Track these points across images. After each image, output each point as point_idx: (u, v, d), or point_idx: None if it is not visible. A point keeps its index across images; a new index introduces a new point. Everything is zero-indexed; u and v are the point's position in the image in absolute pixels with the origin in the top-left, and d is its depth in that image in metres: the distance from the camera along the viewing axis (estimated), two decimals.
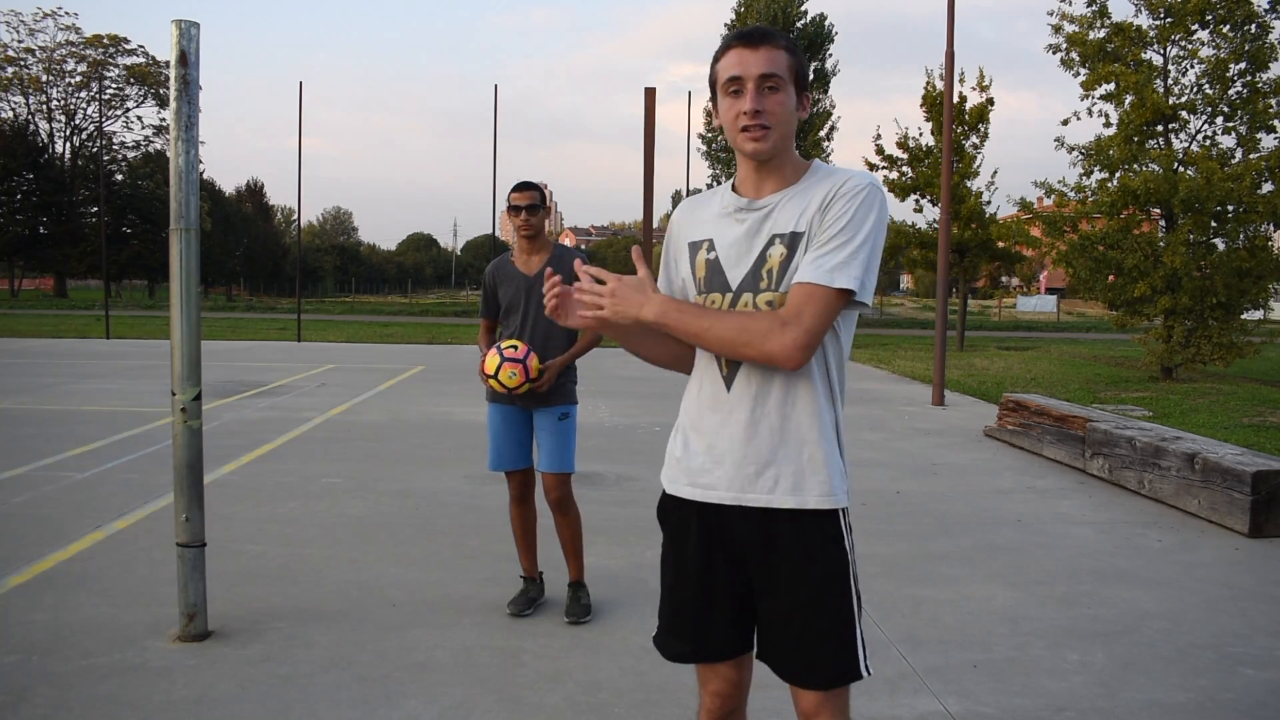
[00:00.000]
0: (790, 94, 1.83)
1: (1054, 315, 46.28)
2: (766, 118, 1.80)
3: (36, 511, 5.50)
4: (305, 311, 28.97)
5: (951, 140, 11.99)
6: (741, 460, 1.85)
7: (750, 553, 1.87)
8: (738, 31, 1.85)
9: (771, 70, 1.80)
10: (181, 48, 3.52)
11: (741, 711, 2.03)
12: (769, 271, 1.82)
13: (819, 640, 1.83)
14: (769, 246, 1.84)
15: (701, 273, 1.91)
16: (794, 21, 39.35)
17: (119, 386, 11.84)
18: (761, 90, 1.80)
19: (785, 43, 1.83)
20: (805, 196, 1.84)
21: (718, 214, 1.93)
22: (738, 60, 1.81)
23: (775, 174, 1.87)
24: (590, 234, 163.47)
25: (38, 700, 3.09)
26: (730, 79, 1.82)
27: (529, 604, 4.00)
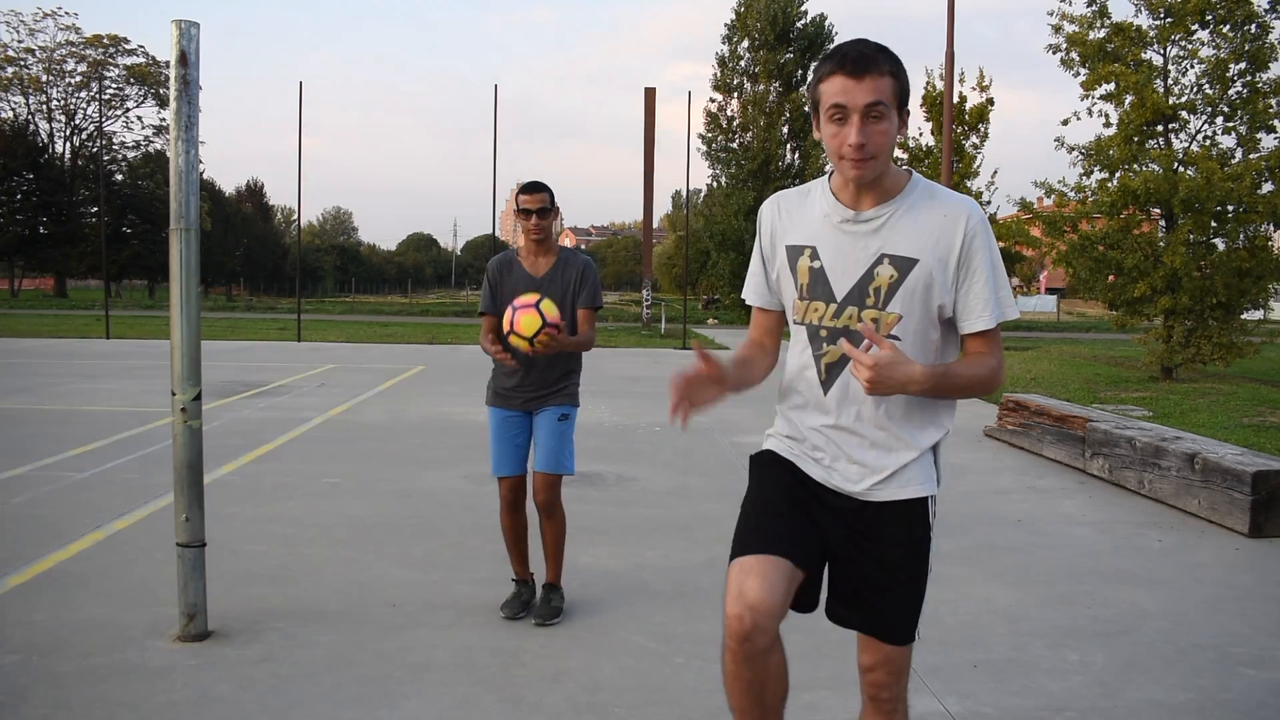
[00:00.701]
0: (893, 120, 1.87)
1: (1054, 315, 46.28)
2: (870, 149, 1.84)
3: (36, 511, 5.50)
4: (305, 311, 28.97)
5: (951, 140, 12.00)
6: (833, 457, 2.01)
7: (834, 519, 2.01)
8: (842, 54, 1.84)
9: (876, 99, 1.82)
10: (181, 48, 3.52)
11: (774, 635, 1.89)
12: (876, 289, 1.93)
13: (890, 602, 2.00)
14: (877, 264, 1.92)
15: (805, 279, 1.98)
16: (794, 21, 39.34)
17: (119, 386, 11.84)
18: (866, 120, 1.83)
19: (890, 67, 1.85)
20: (914, 218, 1.93)
21: (820, 221, 1.98)
22: (841, 89, 1.83)
23: (875, 188, 1.93)
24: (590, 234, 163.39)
25: (38, 700, 3.09)
26: (834, 105, 1.84)
27: (523, 607, 3.97)
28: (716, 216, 39.54)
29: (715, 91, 40.26)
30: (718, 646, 3.69)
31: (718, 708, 3.13)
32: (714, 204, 41.15)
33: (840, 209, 1.95)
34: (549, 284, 3.88)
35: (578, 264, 3.98)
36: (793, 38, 39.43)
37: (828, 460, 2.02)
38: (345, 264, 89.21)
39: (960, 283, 1.93)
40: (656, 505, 6.03)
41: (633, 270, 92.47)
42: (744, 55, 39.88)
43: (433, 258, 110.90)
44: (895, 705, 2.08)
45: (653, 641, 3.71)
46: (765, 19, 38.74)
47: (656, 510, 5.90)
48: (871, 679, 2.07)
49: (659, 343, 23.39)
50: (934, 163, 20.40)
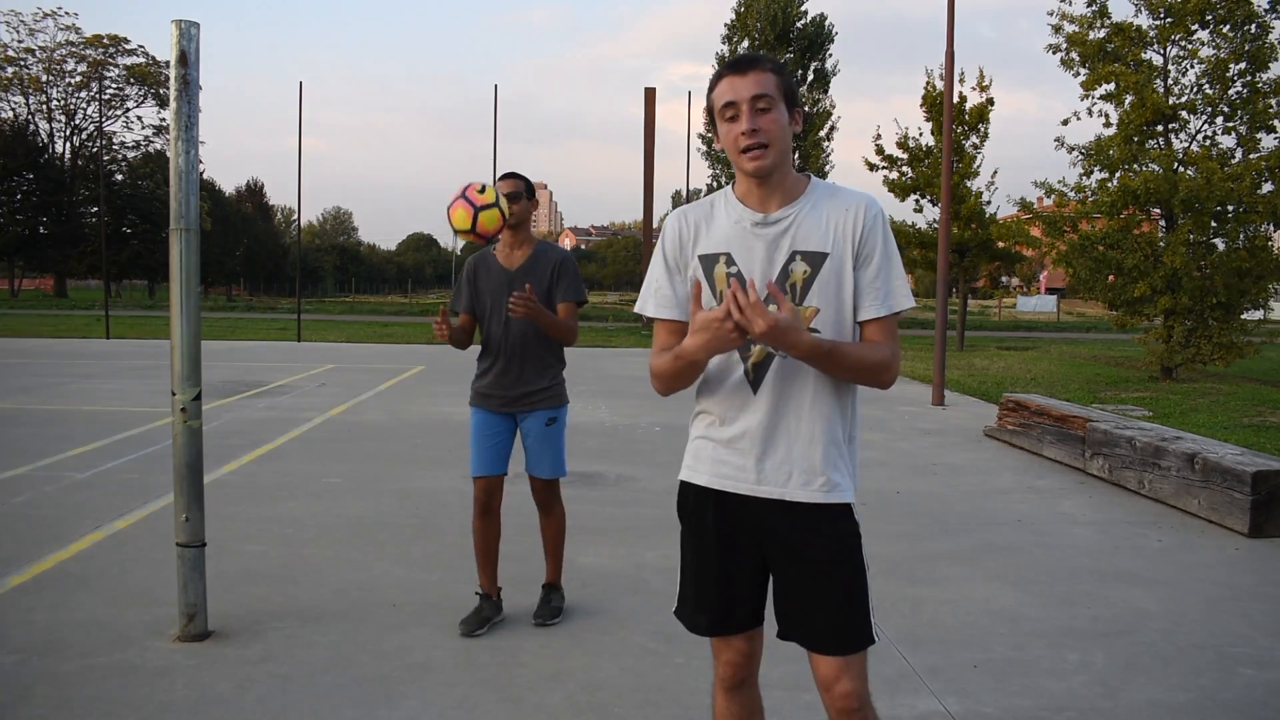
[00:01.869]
0: (782, 111, 1.99)
1: (1054, 315, 46.28)
2: (763, 135, 1.96)
3: (36, 511, 5.50)
4: (305, 311, 28.98)
5: (951, 140, 11.99)
6: (761, 455, 2.03)
7: (765, 534, 2.05)
8: (728, 61, 2.01)
9: (762, 91, 1.96)
10: (181, 48, 3.52)
11: (753, 680, 2.20)
12: (792, 286, 2.00)
13: (834, 607, 2.01)
14: (790, 262, 2.01)
15: (723, 285, 2.04)
16: (794, 21, 39.34)
17: (119, 386, 11.84)
18: (755, 111, 1.96)
19: (772, 65, 2.00)
20: (819, 214, 2.02)
21: (731, 227, 2.06)
22: (730, 87, 1.98)
23: (778, 189, 2.04)
24: (590, 234, 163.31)
25: (38, 700, 3.09)
26: (726, 104, 1.98)
27: (482, 624, 3.77)
28: None
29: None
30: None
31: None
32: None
33: (749, 213, 2.03)
34: (524, 276, 3.79)
35: (555, 256, 3.88)
36: (793, 38, 39.44)
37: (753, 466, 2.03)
38: (345, 264, 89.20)
39: (856, 270, 2.00)
40: (656, 505, 6.03)
41: (633, 270, 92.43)
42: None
43: (433, 258, 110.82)
44: (865, 713, 2.03)
45: (653, 641, 3.71)
46: (765, 19, 38.75)
47: (656, 510, 5.89)
48: (838, 690, 1.99)
49: None
50: (934, 163, 20.39)
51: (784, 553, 2.04)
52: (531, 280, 3.75)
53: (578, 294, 3.86)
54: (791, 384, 2.01)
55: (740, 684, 2.15)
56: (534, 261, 3.83)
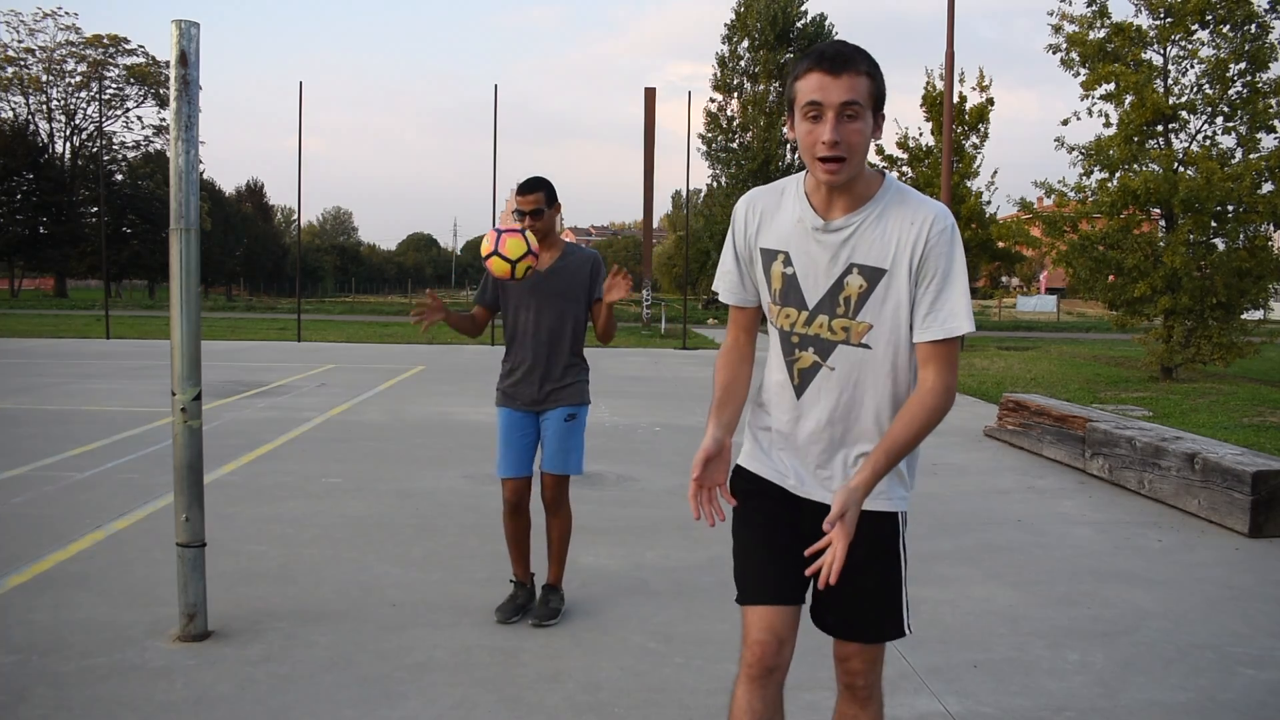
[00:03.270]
0: (868, 120, 1.84)
1: (1054, 315, 46.27)
2: (844, 148, 1.82)
3: (36, 511, 5.50)
4: (305, 311, 28.98)
5: (951, 140, 12.00)
6: (804, 460, 2.02)
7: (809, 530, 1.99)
8: (820, 52, 1.84)
9: (852, 98, 1.80)
10: (181, 48, 3.52)
11: (779, 677, 2.04)
12: (846, 299, 1.93)
13: (864, 602, 2.01)
14: (847, 274, 1.92)
15: (778, 285, 2.00)
16: (794, 21, 39.36)
17: (119, 386, 11.84)
18: (841, 119, 1.81)
19: (867, 67, 1.83)
20: (883, 226, 1.90)
21: (793, 226, 1.98)
22: (818, 85, 1.81)
23: (847, 193, 1.92)
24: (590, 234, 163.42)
25: (38, 700, 3.09)
26: (809, 103, 1.82)
27: (517, 611, 3.91)
28: (716, 216, 39.57)
29: (715, 91, 40.30)
30: (718, 646, 3.70)
31: (718, 707, 3.13)
32: (714, 204, 41.18)
33: (812, 216, 1.94)
34: (553, 278, 3.83)
35: (585, 257, 3.92)
36: (793, 38, 39.46)
37: (800, 469, 2.03)
38: (345, 264, 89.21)
39: (916, 289, 1.90)
40: (656, 505, 6.03)
41: (633, 270, 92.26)
42: (744, 55, 39.91)
43: (433, 258, 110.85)
44: (870, 693, 2.09)
45: (653, 641, 3.71)
46: (765, 19, 38.77)
47: (656, 510, 5.90)
48: (847, 668, 2.09)
49: (659, 343, 23.39)
50: (934, 163, 20.40)
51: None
52: (561, 279, 3.83)
53: None
54: (834, 398, 1.97)
55: (766, 673, 2.01)
56: (563, 262, 3.86)
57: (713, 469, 1.95)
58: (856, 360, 1.95)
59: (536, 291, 3.82)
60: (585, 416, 3.94)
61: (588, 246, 4.04)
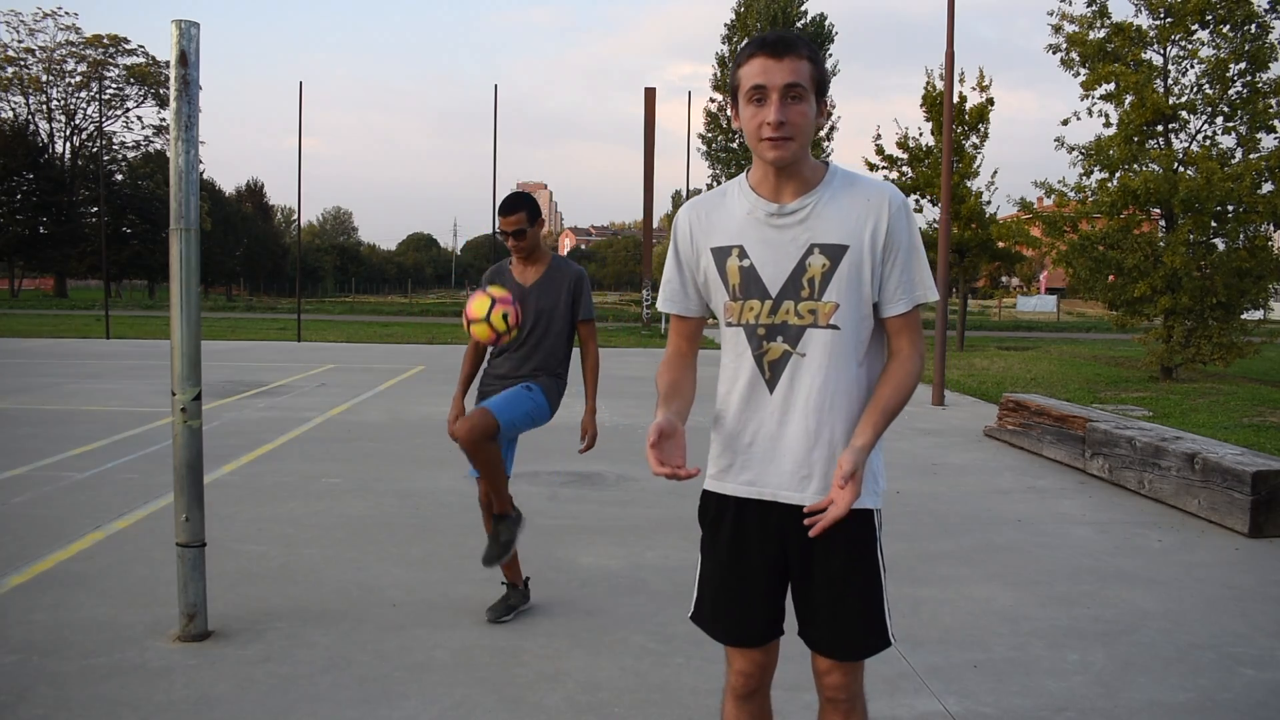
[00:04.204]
0: (811, 103, 1.86)
1: (1054, 315, 46.28)
2: (789, 128, 1.84)
3: (36, 511, 5.50)
4: (305, 311, 28.97)
5: (951, 140, 11.99)
6: (779, 459, 1.97)
7: (784, 539, 1.99)
8: (761, 38, 1.87)
9: (795, 80, 1.83)
10: (181, 48, 3.52)
11: (765, 691, 2.14)
12: (810, 280, 1.91)
13: (844, 614, 1.98)
14: (808, 255, 1.91)
15: (735, 279, 1.96)
16: (794, 21, 39.36)
17: (119, 386, 11.84)
18: (785, 100, 1.83)
19: (808, 52, 1.86)
20: (838, 205, 1.92)
21: (744, 218, 1.96)
22: (761, 69, 1.84)
23: (795, 178, 1.92)
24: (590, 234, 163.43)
25: (38, 700, 3.09)
26: (754, 87, 1.84)
27: (508, 610, 3.90)
28: None
29: (715, 91, 40.29)
30: (718, 646, 3.68)
31: (718, 708, 3.13)
32: None
33: (763, 203, 1.93)
34: (538, 292, 3.84)
35: (570, 273, 3.89)
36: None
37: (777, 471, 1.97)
38: (345, 264, 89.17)
39: (883, 265, 1.92)
40: (656, 505, 6.04)
41: (633, 270, 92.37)
42: None
43: (433, 258, 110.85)
44: (853, 704, 2.05)
45: (653, 641, 3.71)
46: (765, 19, 38.79)
47: (656, 510, 5.90)
48: (827, 683, 2.04)
49: (659, 343, 23.39)
50: (934, 163, 20.39)
51: (801, 557, 1.99)
52: (546, 295, 3.83)
53: (591, 312, 3.94)
54: (809, 384, 1.93)
55: (752, 694, 2.10)
56: (548, 277, 3.87)
57: (669, 447, 1.86)
58: (826, 342, 1.92)
59: (525, 304, 3.81)
60: (540, 405, 3.81)
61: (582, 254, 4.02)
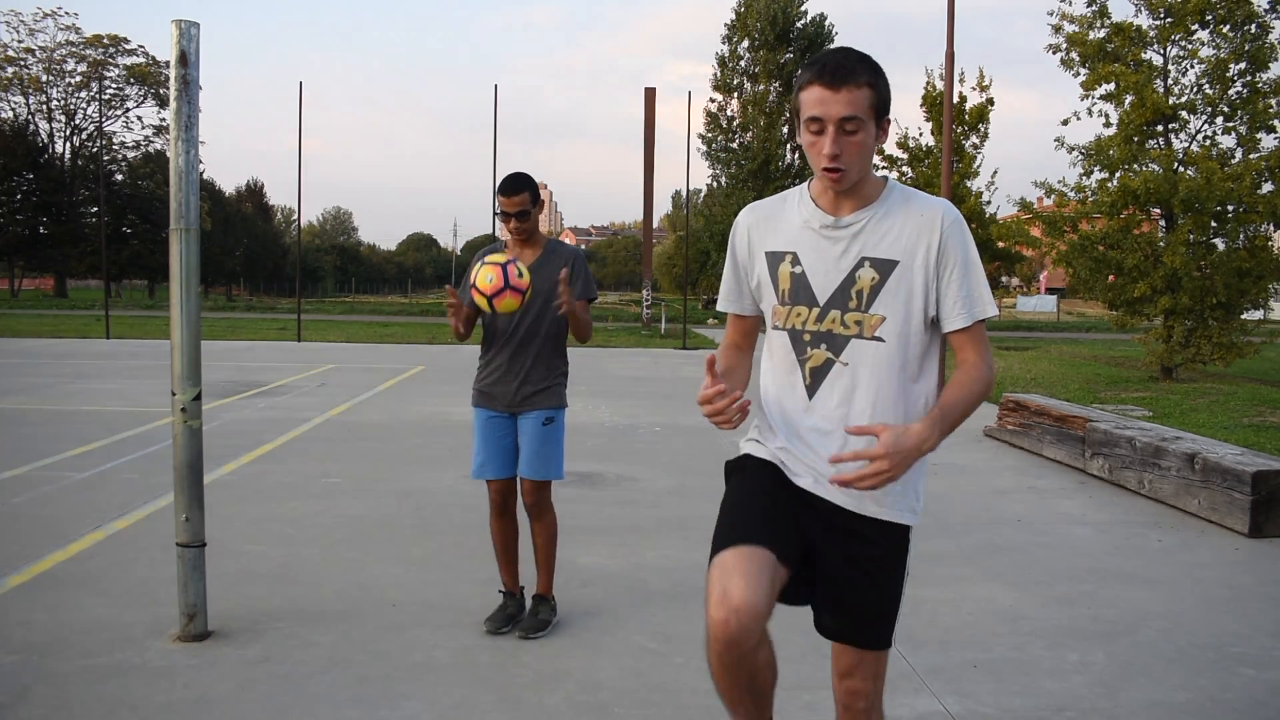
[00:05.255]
0: (870, 131, 1.88)
1: (1054, 315, 46.28)
2: (844, 159, 1.86)
3: (36, 511, 5.50)
4: (305, 311, 28.97)
5: (951, 140, 11.99)
6: (815, 462, 1.99)
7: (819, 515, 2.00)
8: (821, 63, 1.86)
9: (852, 113, 1.83)
10: (181, 48, 3.52)
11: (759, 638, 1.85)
12: (859, 293, 1.95)
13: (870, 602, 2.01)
14: (858, 268, 1.94)
15: (786, 285, 2.00)
16: (794, 21, 39.36)
17: (119, 386, 11.84)
18: (840, 133, 1.84)
19: (868, 77, 1.85)
20: (892, 221, 1.95)
21: (800, 227, 2.00)
22: (819, 100, 1.84)
23: (855, 193, 1.96)
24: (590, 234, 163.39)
25: (38, 700, 3.09)
26: (811, 118, 1.86)
27: (507, 621, 3.80)
28: (716, 216, 39.58)
29: (715, 91, 40.30)
30: None
31: (718, 708, 3.13)
32: (714, 204, 41.19)
33: (820, 214, 1.98)
34: (534, 274, 3.71)
35: (566, 254, 3.83)
36: (793, 38, 39.46)
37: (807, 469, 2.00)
38: (345, 264, 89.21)
39: (939, 281, 1.95)
40: (656, 505, 6.03)
41: (633, 270, 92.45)
42: (744, 55, 39.91)
43: (433, 258, 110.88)
44: (870, 714, 2.07)
45: (653, 641, 3.71)
46: (765, 19, 38.77)
47: (656, 510, 5.90)
48: (847, 686, 2.05)
49: (659, 343, 23.38)
50: (934, 163, 20.41)
51: (830, 540, 2.00)
52: (541, 278, 3.73)
53: (590, 291, 3.83)
54: (848, 392, 1.95)
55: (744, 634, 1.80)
56: (545, 260, 3.79)
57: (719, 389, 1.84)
58: (869, 354, 1.95)
59: None
60: (563, 420, 3.82)
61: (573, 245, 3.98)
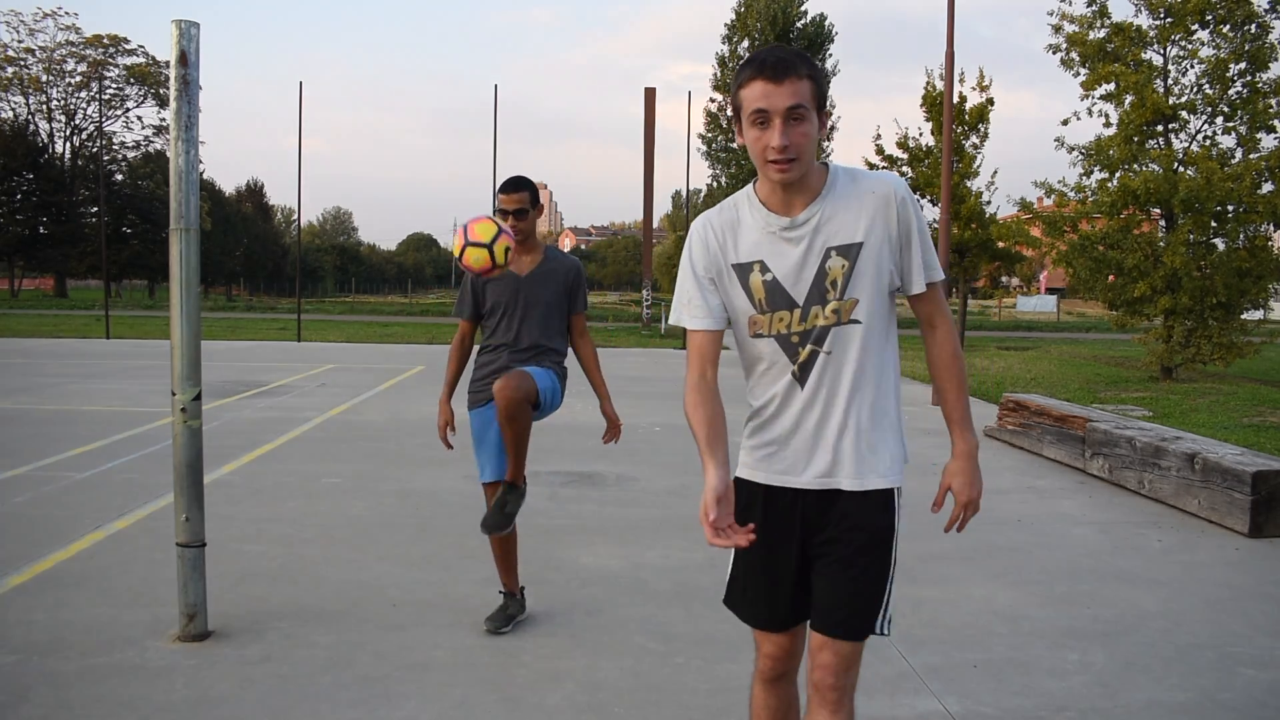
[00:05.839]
0: (814, 120, 1.92)
1: (1054, 315, 46.28)
2: (793, 149, 1.90)
3: (36, 511, 5.50)
4: (305, 311, 28.97)
5: (951, 140, 11.99)
6: (811, 449, 2.04)
7: (809, 527, 2.07)
8: (760, 60, 1.91)
9: (796, 102, 1.88)
10: (181, 48, 3.52)
11: (792, 676, 2.23)
12: (833, 283, 1.99)
13: (848, 592, 2.03)
14: (826, 260, 1.99)
15: (761, 294, 2.03)
16: (794, 21, 39.36)
17: (119, 386, 11.84)
18: (787, 123, 1.89)
19: (808, 69, 1.91)
20: (846, 204, 1.99)
21: (760, 234, 2.03)
22: (763, 93, 1.88)
23: (802, 189, 1.99)
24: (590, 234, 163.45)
25: (38, 700, 3.09)
26: (755, 111, 1.90)
27: (507, 621, 3.79)
28: None
29: (715, 91, 40.29)
30: (718, 646, 3.70)
31: (718, 708, 3.14)
32: (714, 204, 41.14)
33: (775, 218, 2.00)
34: (534, 284, 3.72)
35: (566, 265, 3.80)
36: (793, 38, 39.44)
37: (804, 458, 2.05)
38: (345, 264, 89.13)
39: (900, 254, 2.01)
40: (656, 505, 6.03)
41: (633, 270, 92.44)
42: (744, 55, 39.89)
43: (433, 258, 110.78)
44: (841, 699, 2.04)
45: (653, 641, 3.71)
46: (765, 19, 38.77)
47: (656, 510, 5.90)
48: (818, 661, 2.05)
49: (659, 343, 23.39)
50: (934, 163, 20.38)
51: (823, 543, 2.06)
52: (542, 287, 3.72)
53: (586, 305, 3.91)
54: (837, 378, 2.02)
55: (779, 677, 2.20)
56: (546, 269, 3.75)
57: (725, 509, 1.91)
58: (849, 336, 2.01)
59: (517, 298, 3.71)
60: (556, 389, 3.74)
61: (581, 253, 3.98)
